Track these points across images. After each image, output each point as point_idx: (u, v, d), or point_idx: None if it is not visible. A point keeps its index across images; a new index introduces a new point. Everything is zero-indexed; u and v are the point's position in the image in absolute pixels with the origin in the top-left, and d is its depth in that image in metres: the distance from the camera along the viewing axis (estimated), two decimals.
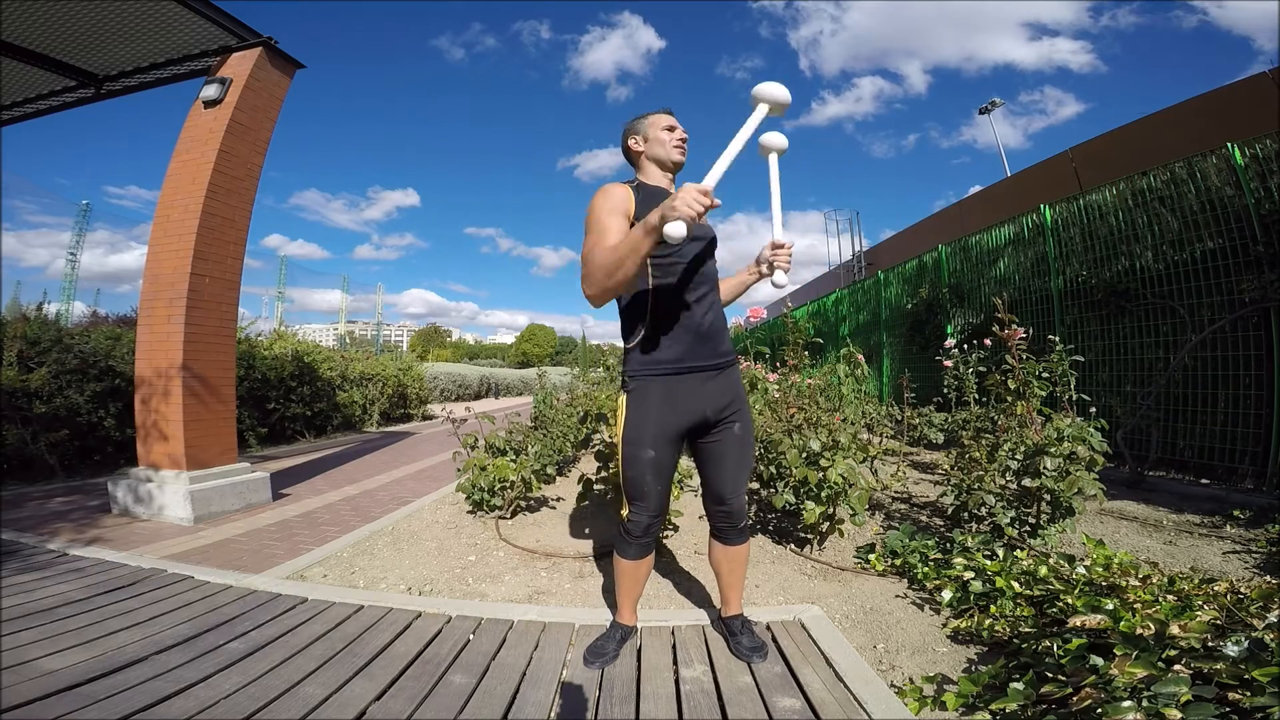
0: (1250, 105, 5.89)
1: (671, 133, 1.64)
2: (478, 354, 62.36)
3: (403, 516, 3.45)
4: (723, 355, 1.63)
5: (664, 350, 1.57)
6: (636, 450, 1.57)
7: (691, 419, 1.58)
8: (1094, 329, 4.44)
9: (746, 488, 1.65)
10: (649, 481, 1.58)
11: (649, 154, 1.66)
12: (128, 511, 3.45)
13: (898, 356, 7.53)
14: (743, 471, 1.65)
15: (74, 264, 16.95)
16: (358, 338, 24.32)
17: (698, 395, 1.58)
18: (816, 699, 1.45)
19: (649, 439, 1.56)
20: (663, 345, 1.57)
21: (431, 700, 1.47)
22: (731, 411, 1.62)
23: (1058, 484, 2.30)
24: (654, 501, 1.60)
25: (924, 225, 13.25)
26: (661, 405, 1.57)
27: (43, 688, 1.48)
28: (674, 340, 1.57)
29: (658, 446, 1.56)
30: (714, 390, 1.60)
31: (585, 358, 11.49)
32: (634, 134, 1.68)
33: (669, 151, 1.64)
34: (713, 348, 1.61)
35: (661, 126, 1.65)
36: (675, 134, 1.65)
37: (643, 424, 1.57)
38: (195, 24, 3.65)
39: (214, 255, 3.65)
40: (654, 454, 1.56)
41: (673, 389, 1.57)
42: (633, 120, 1.70)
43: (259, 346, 7.48)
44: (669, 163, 1.65)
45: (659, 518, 1.64)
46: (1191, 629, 1.34)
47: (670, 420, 1.57)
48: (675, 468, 1.67)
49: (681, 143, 1.65)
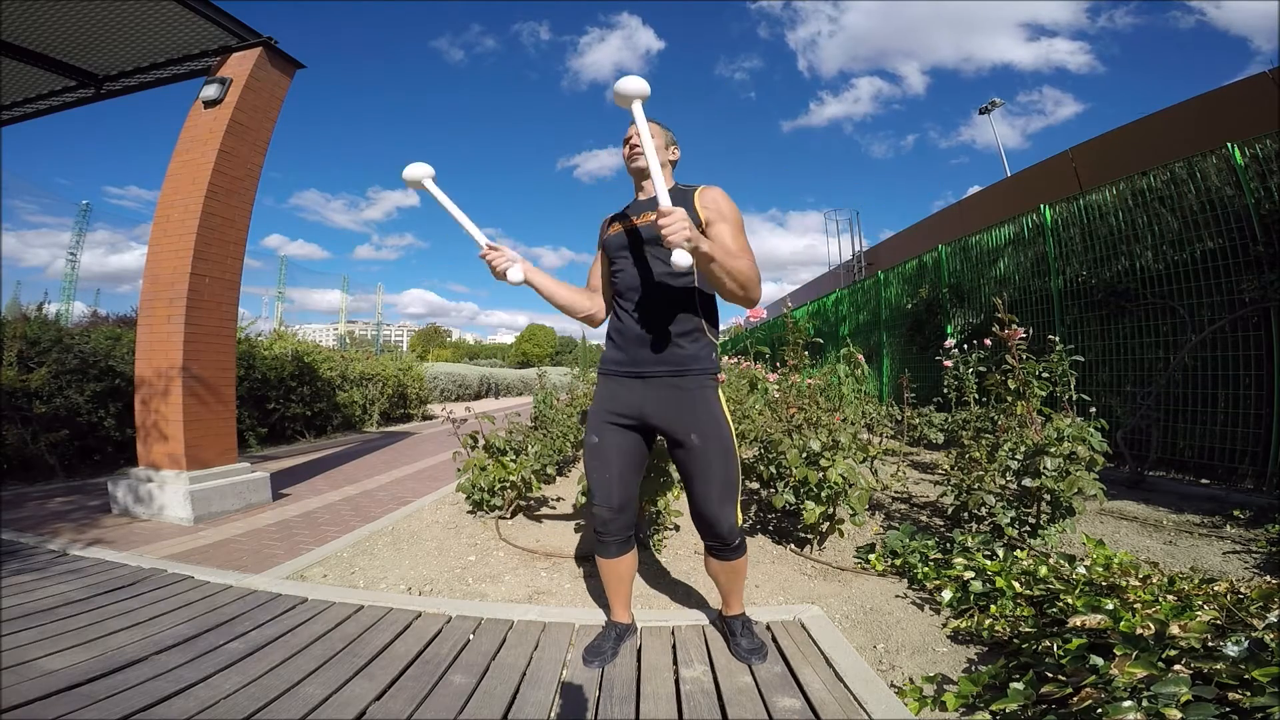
0: (1250, 105, 5.90)
1: (626, 144, 1.69)
2: (478, 354, 62.36)
3: (403, 516, 3.45)
4: (648, 364, 1.58)
5: (607, 352, 1.70)
6: (587, 438, 1.67)
7: (630, 411, 1.61)
8: (1094, 329, 4.44)
9: (734, 513, 1.58)
10: (595, 469, 1.64)
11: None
12: (128, 511, 3.45)
13: (898, 356, 7.53)
14: (711, 490, 1.56)
15: (74, 264, 16.96)
16: (358, 338, 24.33)
17: (635, 394, 1.61)
18: (816, 699, 1.45)
19: (593, 425, 1.66)
20: (608, 347, 1.70)
21: (431, 700, 1.47)
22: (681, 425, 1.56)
23: (1058, 484, 2.30)
24: (604, 492, 1.62)
25: (924, 225, 13.26)
26: (604, 398, 1.66)
27: (43, 688, 1.48)
28: (611, 343, 1.69)
29: (600, 432, 1.64)
30: (652, 397, 1.58)
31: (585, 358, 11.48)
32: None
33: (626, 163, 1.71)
34: (637, 354, 1.60)
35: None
36: (626, 146, 1.69)
37: (593, 414, 1.67)
38: (195, 24, 3.65)
39: (214, 255, 3.64)
40: (597, 440, 1.64)
41: (613, 385, 1.65)
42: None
43: (259, 346, 7.48)
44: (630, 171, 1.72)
45: (621, 513, 1.63)
46: (1191, 629, 1.34)
47: (608, 408, 1.63)
48: (629, 463, 1.64)
49: (630, 151, 1.68)
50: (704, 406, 1.57)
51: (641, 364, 1.59)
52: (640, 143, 1.47)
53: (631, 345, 1.60)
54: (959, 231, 7.17)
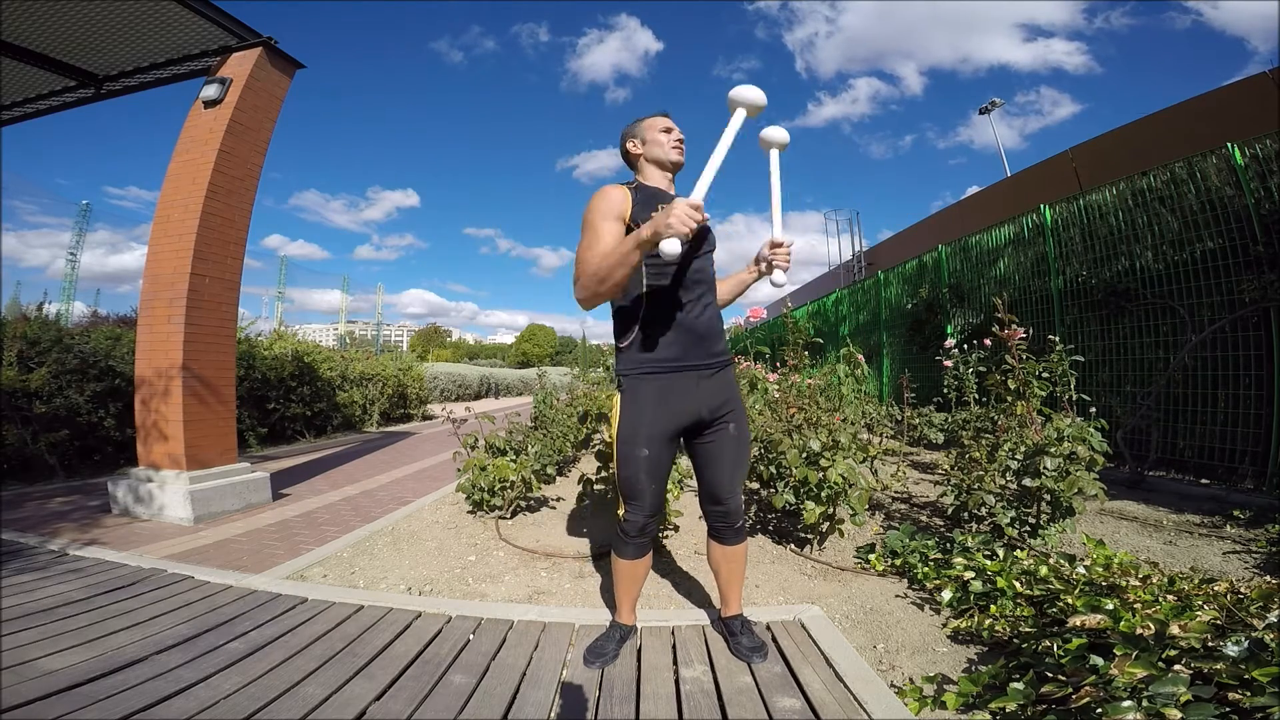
0: (1250, 105, 5.90)
1: (669, 134, 1.67)
2: (478, 354, 62.38)
3: (403, 516, 3.45)
4: (717, 355, 1.63)
5: (659, 349, 1.58)
6: (631, 449, 1.57)
7: (686, 418, 1.59)
8: (1094, 329, 4.44)
9: (743, 488, 1.66)
10: (643, 480, 1.58)
11: (647, 155, 1.68)
12: (128, 511, 3.45)
13: (898, 356, 7.53)
14: (738, 472, 1.65)
15: (74, 264, 16.96)
16: (358, 338, 24.33)
17: (692, 394, 1.58)
18: (816, 699, 1.45)
19: (643, 438, 1.56)
20: (658, 344, 1.58)
21: (431, 700, 1.47)
22: (726, 411, 1.63)
23: (1058, 484, 2.30)
24: (649, 501, 1.60)
25: (924, 225, 13.26)
26: (655, 404, 1.57)
27: (43, 688, 1.48)
28: (669, 340, 1.58)
29: (652, 445, 1.56)
30: (708, 390, 1.60)
31: (585, 358, 11.48)
32: (632, 137, 1.71)
33: (667, 152, 1.66)
34: (707, 347, 1.61)
35: (659, 129, 1.67)
36: (673, 135, 1.67)
37: (637, 422, 1.57)
38: (195, 24, 3.65)
39: (214, 255, 3.64)
40: (648, 453, 1.56)
41: (667, 387, 1.57)
42: (631, 124, 1.73)
43: (259, 346, 7.48)
44: (667, 163, 1.67)
45: (655, 517, 1.64)
46: (1191, 629, 1.34)
47: (664, 419, 1.57)
48: (671, 467, 1.67)
49: (679, 143, 1.67)
50: (739, 396, 1.68)
51: (706, 358, 1.61)
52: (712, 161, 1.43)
53: (698, 341, 1.60)
54: (959, 231, 7.17)
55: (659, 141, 1.66)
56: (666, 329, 1.58)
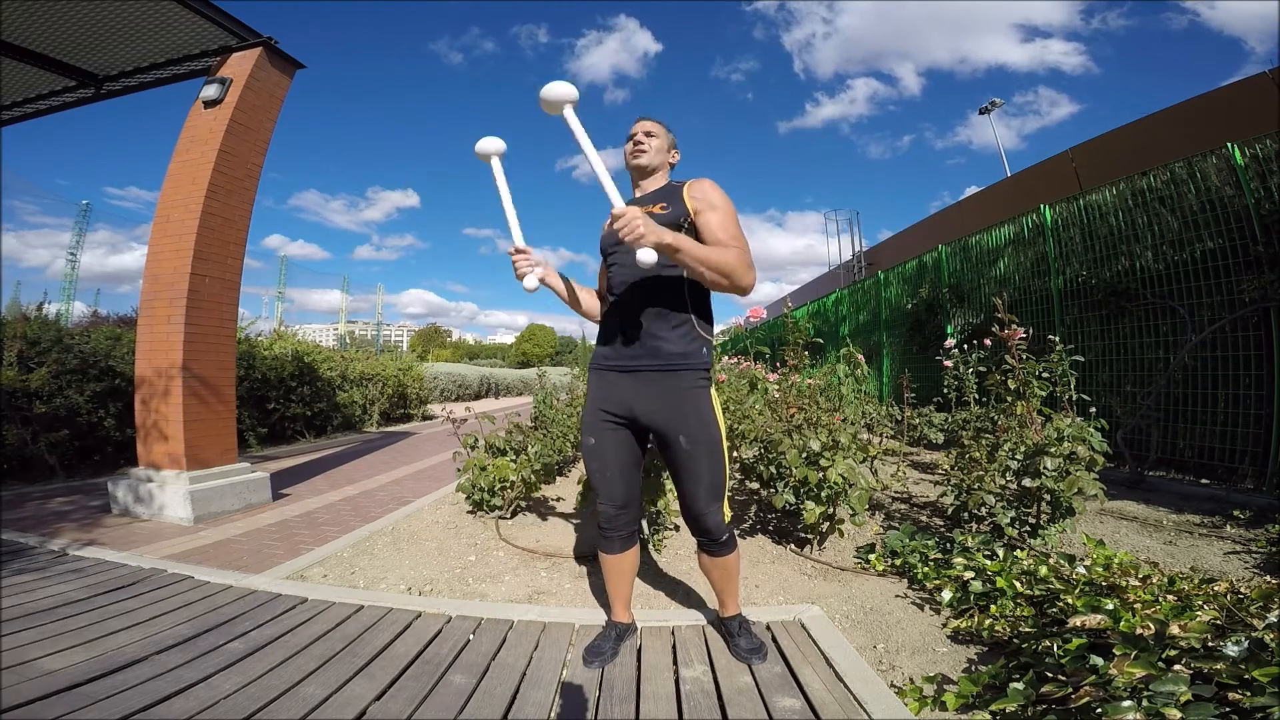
0: (1250, 105, 5.90)
1: (629, 141, 1.73)
2: (478, 354, 62.35)
3: (403, 516, 3.45)
4: (636, 358, 1.59)
5: (599, 345, 1.70)
6: (584, 439, 1.68)
7: (622, 410, 1.61)
8: (1094, 329, 4.44)
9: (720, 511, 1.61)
10: (594, 468, 1.66)
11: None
12: (128, 511, 3.45)
13: (898, 356, 7.53)
14: (701, 486, 1.57)
15: (74, 264, 16.96)
16: (358, 338, 24.32)
17: (625, 389, 1.61)
18: (816, 699, 1.45)
19: (588, 425, 1.66)
20: (600, 342, 1.71)
21: (431, 700, 1.47)
22: (670, 425, 1.56)
23: (1058, 484, 2.30)
24: (608, 490, 1.65)
25: (924, 225, 13.26)
26: (595, 394, 1.66)
27: (43, 688, 1.48)
28: (602, 338, 1.69)
29: (596, 433, 1.64)
30: (641, 393, 1.59)
31: (585, 358, 11.47)
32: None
33: (627, 159, 1.73)
34: (625, 349, 1.61)
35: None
36: (630, 142, 1.72)
37: (586, 413, 1.68)
38: (195, 24, 3.65)
39: (214, 255, 3.64)
40: (594, 441, 1.65)
41: (603, 380, 1.66)
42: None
43: (259, 346, 7.48)
44: (630, 168, 1.74)
45: (625, 509, 1.66)
46: (1191, 629, 1.34)
47: (601, 408, 1.64)
48: (630, 460, 1.66)
49: (633, 149, 1.71)
50: (693, 406, 1.56)
51: (629, 359, 1.60)
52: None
53: (620, 340, 1.62)
54: (959, 231, 7.17)
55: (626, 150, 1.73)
56: (604, 326, 1.70)
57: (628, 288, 1.62)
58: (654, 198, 1.66)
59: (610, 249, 1.72)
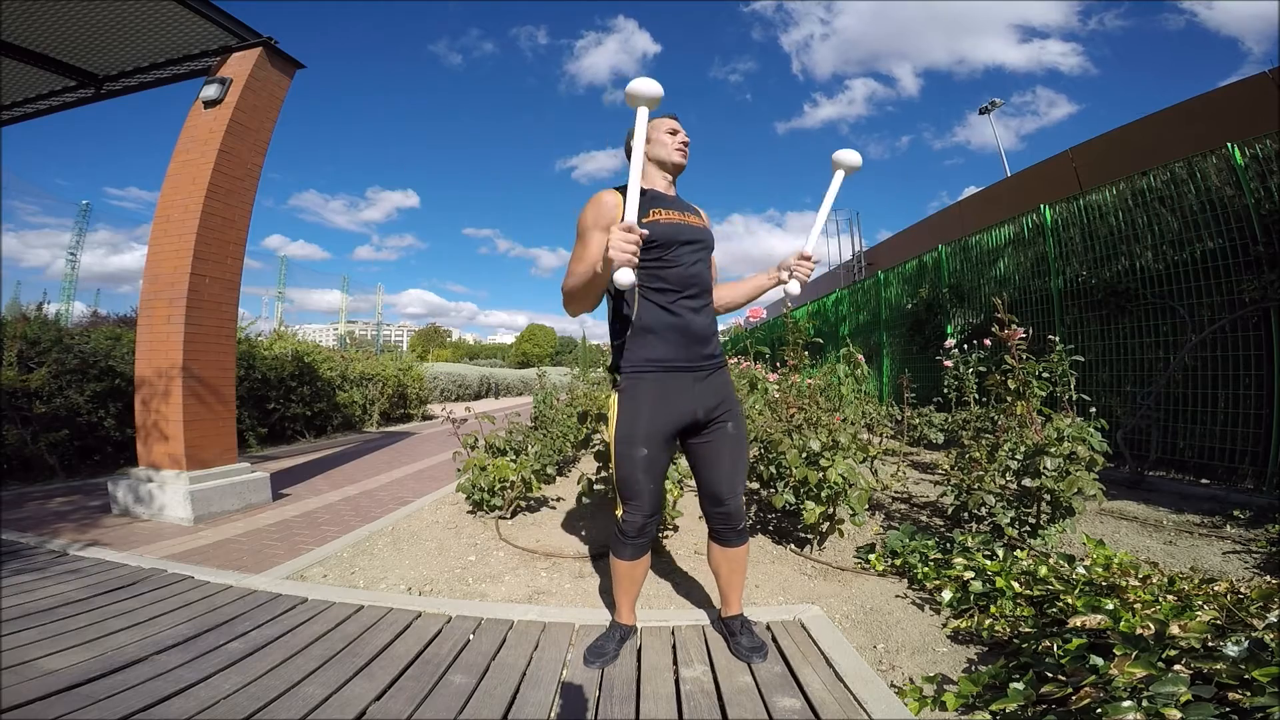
0: (1250, 105, 5.89)
1: (674, 135, 1.66)
2: (477, 354, 62.36)
3: (403, 516, 3.45)
4: (709, 357, 1.62)
5: (654, 349, 1.57)
6: (628, 449, 1.56)
7: (683, 418, 1.58)
8: (1094, 329, 4.44)
9: (744, 488, 1.65)
10: (641, 480, 1.57)
11: (651, 155, 1.66)
12: (128, 511, 3.45)
13: (898, 356, 7.53)
14: (738, 472, 1.64)
15: (74, 264, 16.97)
16: (358, 338, 24.34)
17: (688, 394, 1.58)
18: (816, 699, 1.45)
19: (641, 437, 1.55)
20: (653, 344, 1.57)
21: (431, 700, 1.47)
22: (722, 411, 1.62)
23: (1058, 484, 2.30)
24: (647, 501, 1.59)
25: (924, 225, 13.26)
26: (653, 402, 1.56)
27: (43, 688, 1.48)
28: (663, 339, 1.57)
29: (650, 444, 1.55)
30: (703, 391, 1.60)
31: (585, 357, 11.48)
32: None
33: (670, 153, 1.65)
34: (700, 349, 1.60)
35: (665, 129, 1.66)
36: (678, 137, 1.66)
37: (635, 421, 1.56)
38: (195, 24, 3.65)
39: (214, 255, 3.64)
40: (646, 452, 1.55)
41: (664, 386, 1.56)
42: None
43: (259, 346, 7.48)
44: (669, 164, 1.66)
45: (654, 518, 1.63)
46: (1191, 629, 1.34)
47: (662, 417, 1.56)
48: (668, 467, 1.69)
49: (683, 145, 1.67)
50: (734, 394, 1.68)
51: (702, 359, 1.61)
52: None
53: (694, 341, 1.60)
54: (959, 231, 7.17)
55: (664, 142, 1.65)
56: (661, 329, 1.57)
57: (701, 288, 1.62)
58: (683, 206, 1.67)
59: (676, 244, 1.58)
